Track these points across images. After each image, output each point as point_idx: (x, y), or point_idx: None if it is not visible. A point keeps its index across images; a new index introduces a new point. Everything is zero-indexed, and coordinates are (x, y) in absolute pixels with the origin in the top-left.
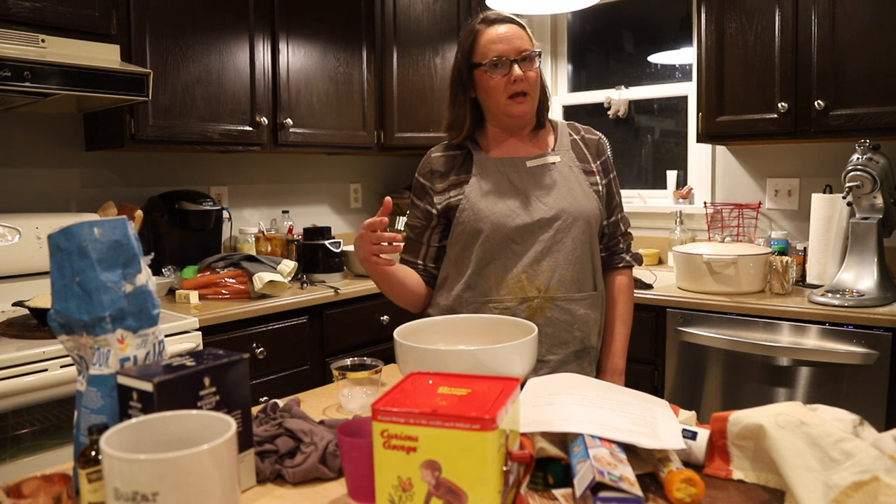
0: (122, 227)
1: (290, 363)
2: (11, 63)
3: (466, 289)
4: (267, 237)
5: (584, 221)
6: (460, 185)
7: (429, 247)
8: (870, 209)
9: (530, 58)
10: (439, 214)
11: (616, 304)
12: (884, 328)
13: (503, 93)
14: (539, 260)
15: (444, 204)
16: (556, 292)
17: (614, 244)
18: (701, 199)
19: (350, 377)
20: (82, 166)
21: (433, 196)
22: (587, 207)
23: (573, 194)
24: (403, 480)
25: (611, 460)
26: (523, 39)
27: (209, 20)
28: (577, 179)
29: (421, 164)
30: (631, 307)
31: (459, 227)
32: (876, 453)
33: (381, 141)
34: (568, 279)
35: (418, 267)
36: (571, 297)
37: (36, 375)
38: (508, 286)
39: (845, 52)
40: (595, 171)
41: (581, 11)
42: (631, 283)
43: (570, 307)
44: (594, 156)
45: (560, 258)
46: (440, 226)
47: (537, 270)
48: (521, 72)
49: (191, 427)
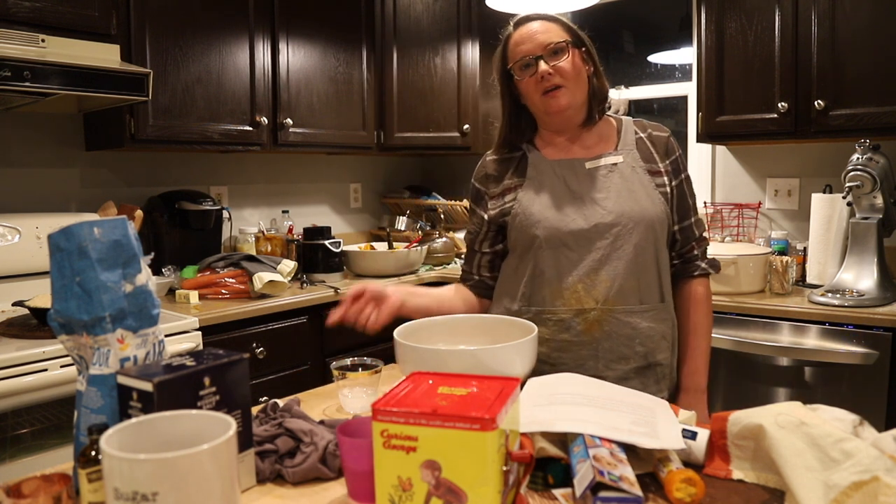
0: (122, 226)
1: (289, 363)
2: (11, 63)
3: (521, 300)
4: (267, 237)
5: (646, 226)
6: (514, 189)
7: (481, 255)
8: (870, 209)
9: (559, 50)
10: (490, 221)
11: (691, 316)
12: (884, 328)
13: (535, 91)
14: (597, 269)
15: (498, 210)
16: (616, 304)
17: (688, 251)
18: (701, 199)
19: (350, 377)
20: (82, 166)
21: (487, 202)
22: (651, 211)
23: (635, 197)
24: (403, 480)
25: (611, 460)
26: (550, 33)
27: (209, 20)
28: (641, 181)
29: (476, 169)
30: (710, 319)
31: (513, 233)
32: (876, 453)
33: (381, 141)
34: (628, 289)
35: (473, 278)
36: (632, 309)
37: (36, 375)
38: (564, 297)
39: (845, 52)
40: (662, 171)
41: (581, 11)
42: (708, 292)
43: (630, 320)
44: (662, 155)
45: (620, 266)
46: (491, 232)
47: (595, 280)
48: (546, 67)
49: (191, 427)
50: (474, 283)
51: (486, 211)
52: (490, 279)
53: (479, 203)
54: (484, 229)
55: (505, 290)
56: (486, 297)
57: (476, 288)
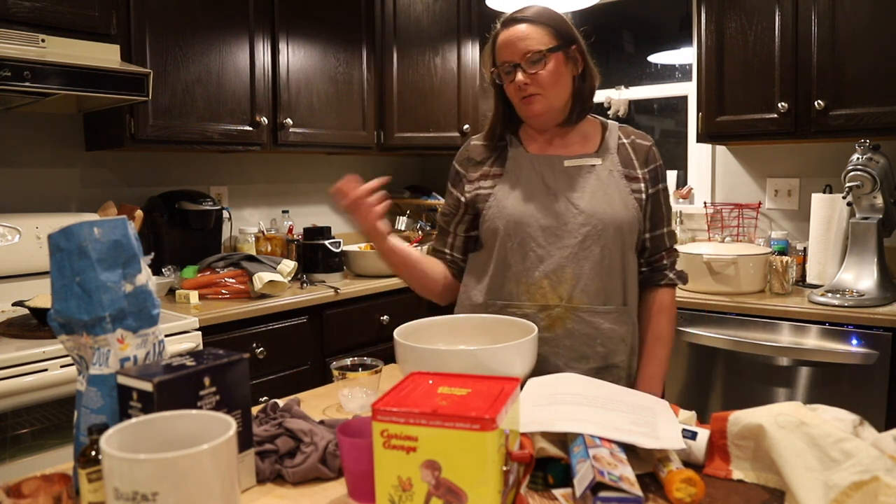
0: (122, 226)
1: (290, 363)
2: (11, 63)
3: (488, 292)
4: (267, 237)
5: (616, 229)
6: (492, 177)
7: (455, 236)
8: (870, 209)
9: (537, 59)
10: (467, 203)
11: (655, 323)
12: (884, 328)
13: (515, 96)
14: (563, 266)
15: (474, 194)
16: (580, 302)
17: (657, 259)
18: (701, 199)
19: (350, 377)
20: (82, 166)
21: (465, 184)
22: (622, 215)
23: (609, 200)
24: (403, 480)
25: (611, 460)
26: (531, 40)
27: (209, 20)
28: (617, 185)
29: (459, 151)
30: (672, 328)
31: (485, 224)
32: (876, 453)
33: (381, 141)
34: (593, 290)
35: (445, 257)
36: (595, 308)
37: (36, 375)
38: (529, 292)
39: (845, 52)
40: (640, 177)
41: (581, 11)
42: (673, 302)
43: (593, 320)
44: (642, 162)
45: (586, 266)
46: (468, 215)
47: (561, 277)
48: (522, 77)
49: (191, 427)
50: (446, 261)
51: (462, 194)
52: (462, 261)
53: (456, 185)
54: (461, 211)
55: (472, 282)
56: (456, 278)
57: (448, 266)
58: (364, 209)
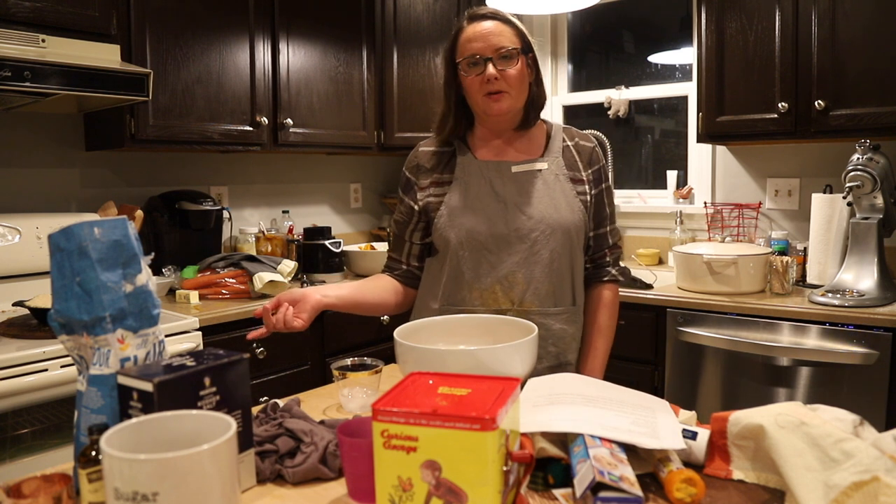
0: (123, 226)
1: (290, 363)
2: (11, 63)
3: (442, 298)
4: (267, 237)
5: (563, 233)
6: (442, 184)
7: (412, 244)
8: (870, 209)
9: (509, 56)
10: (420, 211)
11: (597, 318)
12: (884, 328)
13: (479, 91)
14: (515, 271)
15: (425, 202)
16: (531, 305)
17: (600, 257)
18: (701, 199)
19: (350, 377)
20: (82, 166)
21: (416, 192)
22: (569, 219)
23: (556, 204)
24: (403, 480)
25: (611, 460)
26: (503, 37)
27: (209, 20)
28: (563, 188)
29: (408, 158)
30: (614, 323)
31: (436, 232)
32: (876, 453)
33: (381, 141)
34: (543, 292)
35: (401, 267)
36: (547, 310)
37: (36, 375)
38: (483, 297)
39: (845, 52)
40: (584, 179)
41: (581, 11)
42: (615, 298)
43: (544, 321)
44: (585, 164)
45: (536, 270)
46: (422, 223)
47: (512, 282)
48: (494, 71)
49: (191, 427)
50: (402, 272)
51: (415, 202)
52: (418, 269)
53: (408, 192)
54: (415, 219)
55: (428, 289)
56: (412, 287)
57: (404, 277)
58: (289, 320)
